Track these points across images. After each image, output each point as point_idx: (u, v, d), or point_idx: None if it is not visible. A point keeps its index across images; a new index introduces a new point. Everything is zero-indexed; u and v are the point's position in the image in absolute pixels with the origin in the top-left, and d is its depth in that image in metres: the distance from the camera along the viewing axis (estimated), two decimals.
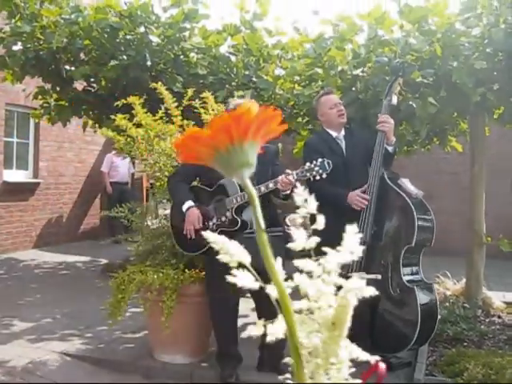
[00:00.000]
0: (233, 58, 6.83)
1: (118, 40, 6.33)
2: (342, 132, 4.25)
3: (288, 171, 3.57)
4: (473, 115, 5.60)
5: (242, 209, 3.72)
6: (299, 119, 6.66)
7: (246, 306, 4.54)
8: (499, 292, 6.35)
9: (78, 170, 10.64)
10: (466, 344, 4.66)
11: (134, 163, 11.55)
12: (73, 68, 6.53)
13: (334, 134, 4.22)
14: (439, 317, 4.15)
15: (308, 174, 3.49)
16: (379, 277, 3.86)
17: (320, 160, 3.48)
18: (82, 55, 6.65)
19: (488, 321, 5.42)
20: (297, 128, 6.71)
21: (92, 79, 6.88)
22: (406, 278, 3.80)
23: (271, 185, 3.59)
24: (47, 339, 4.68)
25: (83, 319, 5.30)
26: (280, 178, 3.55)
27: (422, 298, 3.76)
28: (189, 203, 3.82)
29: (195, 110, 4.50)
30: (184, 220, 3.81)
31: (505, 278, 7.25)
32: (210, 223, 3.80)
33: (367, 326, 3.94)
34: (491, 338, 4.88)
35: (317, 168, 3.47)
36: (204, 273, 4.10)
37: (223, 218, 3.75)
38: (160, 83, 4.61)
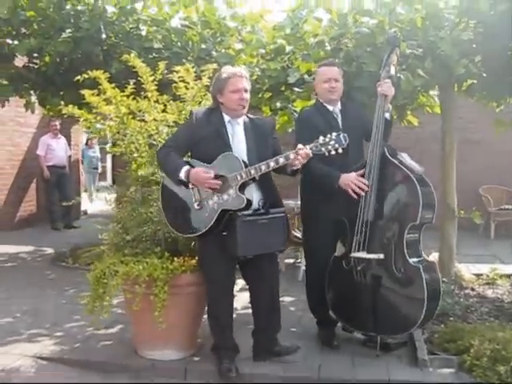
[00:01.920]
0: (189, 32, 6.45)
1: (65, 11, 5.80)
2: (339, 106, 4.04)
3: (300, 146, 3.32)
4: (442, 88, 5.55)
5: (244, 187, 3.43)
6: (260, 94, 6.38)
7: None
8: (466, 264, 6.40)
9: (12, 153, 9.89)
10: (451, 319, 4.63)
11: (70, 145, 10.94)
12: (16, 42, 5.92)
13: (330, 107, 4.01)
14: None
15: (323, 149, 3.27)
16: (382, 256, 3.71)
17: (335, 134, 3.26)
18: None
19: (463, 293, 5.45)
20: (258, 104, 6.44)
21: (35, 54, 6.29)
22: (409, 257, 3.66)
23: (282, 160, 3.33)
24: (13, 342, 4.22)
25: (47, 316, 4.86)
26: (292, 152, 3.31)
27: (427, 277, 3.63)
28: (186, 168, 3.46)
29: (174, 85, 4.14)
30: (180, 196, 3.50)
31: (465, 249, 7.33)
32: (211, 202, 3.48)
33: (359, 305, 3.81)
34: (474, 312, 4.89)
35: (332, 142, 3.24)
36: (193, 260, 3.81)
37: (225, 197, 3.43)
38: (133, 54, 4.19)
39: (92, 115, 4.15)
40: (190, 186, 3.51)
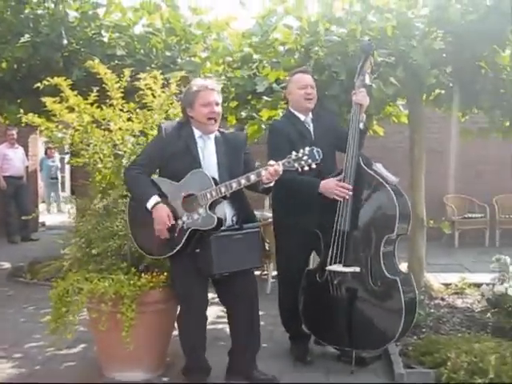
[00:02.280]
0: (154, 39, 6.30)
1: (24, 15, 5.56)
2: (310, 115, 3.94)
3: (272, 162, 3.20)
4: (410, 97, 5.53)
5: (214, 205, 3.29)
6: (226, 103, 6.26)
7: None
8: (433, 273, 6.38)
9: None
10: (424, 330, 4.57)
11: (27, 155, 10.59)
12: None
13: (301, 117, 3.91)
14: None
15: (296, 165, 3.14)
16: (358, 269, 3.62)
17: (308, 149, 3.14)
18: None
19: (434, 304, 5.41)
20: (224, 113, 6.31)
21: None
22: (386, 270, 3.57)
23: (253, 177, 3.19)
24: None
25: (5, 336, 4.60)
26: (263, 169, 3.18)
27: (405, 289, 3.55)
28: (155, 199, 3.31)
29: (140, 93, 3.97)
30: (148, 218, 3.32)
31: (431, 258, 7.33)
32: (180, 222, 3.31)
33: (341, 322, 3.70)
34: (446, 322, 4.84)
35: (305, 157, 3.12)
36: (162, 276, 3.64)
37: (195, 216, 3.27)
38: (97, 61, 4.01)
39: (53, 124, 3.94)
40: None
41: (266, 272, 6.59)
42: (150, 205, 3.29)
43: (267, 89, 5.23)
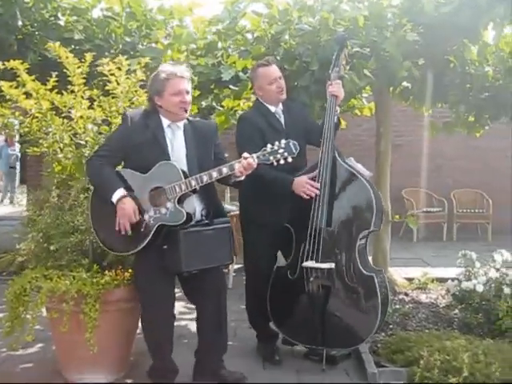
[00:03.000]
0: (113, 23, 6.02)
1: None
2: (280, 106, 3.80)
3: (245, 155, 3.04)
4: (377, 90, 5.46)
5: (183, 199, 3.11)
6: None
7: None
8: (394, 268, 6.37)
9: None
10: (391, 326, 4.52)
11: None
12: None
13: (272, 108, 3.76)
14: None
15: (271, 158, 3.00)
16: (333, 265, 3.51)
17: (284, 141, 3.00)
18: None
19: (398, 299, 5.39)
20: None
21: None
22: (361, 265, 3.49)
23: (225, 170, 3.03)
24: None
25: None
26: (237, 162, 3.03)
27: (380, 285, 3.48)
28: (120, 192, 3.10)
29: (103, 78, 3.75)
30: (112, 212, 3.12)
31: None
32: (146, 216, 3.12)
33: (313, 318, 3.60)
34: (412, 318, 4.81)
35: (281, 150, 2.98)
36: (127, 273, 3.45)
37: (163, 210, 3.09)
38: (58, 43, 3.76)
39: (8, 110, 3.68)
40: None
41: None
42: (115, 198, 3.09)
43: (233, 78, 5.06)
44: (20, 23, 5.14)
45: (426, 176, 9.47)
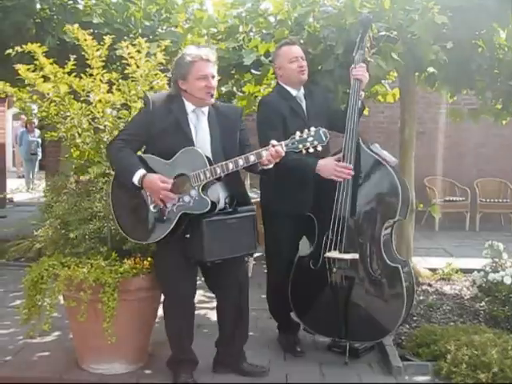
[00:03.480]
0: (132, 7, 5.93)
1: None
2: (302, 90, 3.67)
3: (274, 142, 2.93)
4: (403, 75, 5.30)
5: (207, 186, 3.01)
6: None
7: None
8: (416, 257, 6.23)
9: None
10: (415, 318, 4.41)
11: None
12: None
13: (293, 92, 3.63)
14: None
15: (300, 146, 2.88)
16: (357, 256, 3.40)
17: (314, 129, 2.88)
18: None
19: (422, 290, 5.27)
20: None
21: None
22: (387, 256, 3.37)
23: (252, 157, 2.92)
24: None
25: None
26: (264, 150, 2.92)
27: (405, 276, 3.36)
28: (141, 172, 2.99)
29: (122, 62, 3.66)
30: (134, 199, 3.03)
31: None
32: (169, 204, 3.02)
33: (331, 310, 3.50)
34: (437, 310, 4.69)
35: (310, 138, 2.87)
36: (146, 261, 3.37)
37: (186, 198, 2.99)
38: (76, 25, 3.67)
39: (26, 94, 3.60)
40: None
41: None
42: (136, 179, 2.98)
43: (254, 62, 4.93)
44: (38, 6, 5.08)
45: (449, 164, 9.26)
